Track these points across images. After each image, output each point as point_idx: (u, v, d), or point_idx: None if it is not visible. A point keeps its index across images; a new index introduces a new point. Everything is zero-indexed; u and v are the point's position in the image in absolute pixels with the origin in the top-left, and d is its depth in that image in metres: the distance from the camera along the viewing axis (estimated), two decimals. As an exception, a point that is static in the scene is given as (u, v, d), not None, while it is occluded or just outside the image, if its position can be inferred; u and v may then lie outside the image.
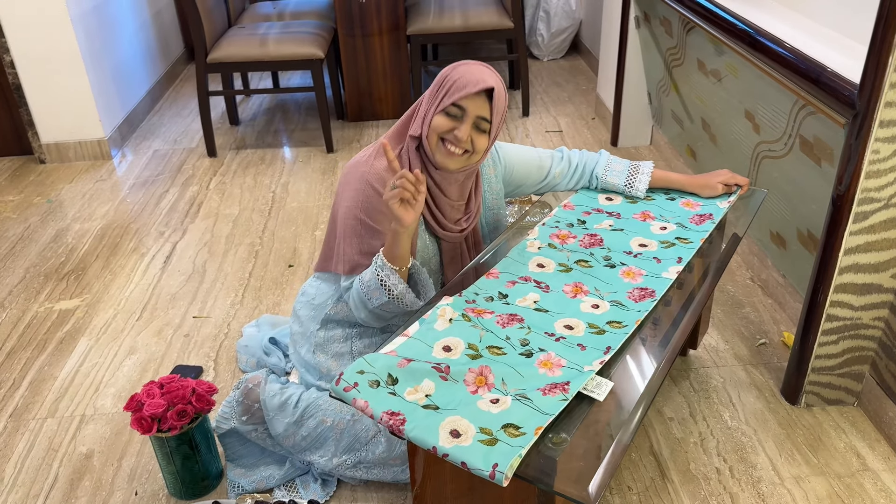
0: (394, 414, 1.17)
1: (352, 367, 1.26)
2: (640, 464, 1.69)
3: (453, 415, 1.16)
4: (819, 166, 1.77)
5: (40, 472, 1.76)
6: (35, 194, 3.15)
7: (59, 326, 2.29)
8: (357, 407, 1.21)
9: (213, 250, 2.65)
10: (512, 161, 1.75)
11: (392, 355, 1.29)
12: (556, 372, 1.24)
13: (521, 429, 1.13)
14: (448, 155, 1.50)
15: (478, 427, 1.14)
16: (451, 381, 1.23)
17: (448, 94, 1.46)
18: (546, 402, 1.17)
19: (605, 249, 1.59)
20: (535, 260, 1.56)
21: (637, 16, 2.97)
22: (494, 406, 1.18)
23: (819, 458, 1.69)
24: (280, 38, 3.28)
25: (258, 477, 1.66)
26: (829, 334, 1.72)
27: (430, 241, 1.62)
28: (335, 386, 1.23)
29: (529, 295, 1.45)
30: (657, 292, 1.44)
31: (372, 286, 1.47)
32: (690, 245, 1.59)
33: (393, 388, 1.22)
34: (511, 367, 1.26)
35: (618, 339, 1.31)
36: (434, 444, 1.12)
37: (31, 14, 3.11)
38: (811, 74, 1.61)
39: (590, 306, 1.41)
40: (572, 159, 1.80)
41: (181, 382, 1.60)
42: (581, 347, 1.30)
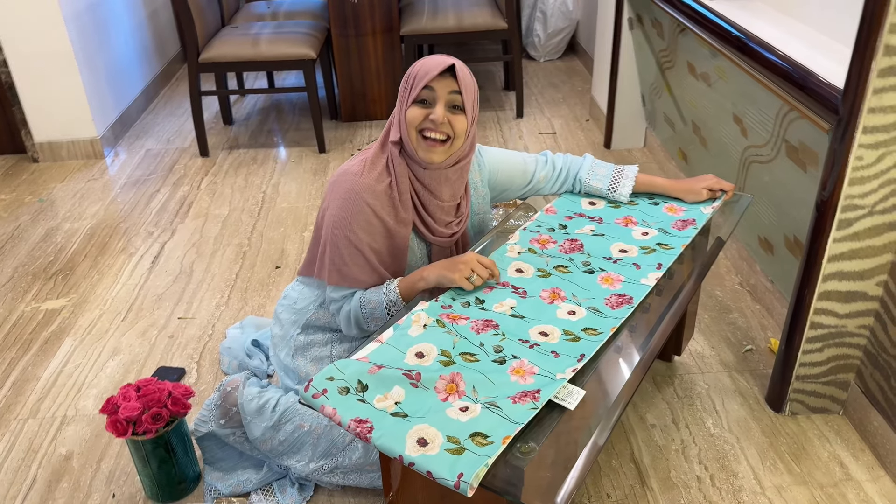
0: (362, 421, 1.16)
1: (322, 373, 1.25)
2: (620, 471, 1.67)
3: (421, 423, 1.15)
4: (805, 171, 1.75)
5: (19, 474, 1.76)
6: (27, 193, 3.15)
7: (44, 326, 2.28)
8: (325, 414, 1.19)
9: (200, 251, 2.65)
10: (496, 165, 1.73)
11: (363, 361, 1.28)
12: (527, 380, 1.23)
13: (489, 437, 1.11)
14: (430, 147, 1.48)
15: (445, 435, 1.12)
16: (422, 388, 1.22)
17: (414, 85, 1.47)
18: (516, 410, 1.16)
19: (585, 255, 1.57)
20: (515, 265, 1.55)
21: (630, 17, 2.95)
22: (464, 414, 1.16)
23: (802, 467, 1.67)
24: (272, 39, 3.27)
25: (235, 481, 1.65)
26: (813, 342, 1.71)
27: (419, 245, 1.60)
28: (304, 392, 1.22)
29: (506, 300, 1.43)
30: (635, 299, 1.42)
31: (377, 314, 1.49)
32: (671, 251, 1.57)
33: (363, 395, 1.21)
34: (483, 374, 1.24)
35: (592, 347, 1.30)
36: (400, 453, 1.10)
37: (24, 12, 3.11)
38: (795, 79, 1.59)
39: (566, 312, 1.40)
40: (556, 163, 1.79)
41: (158, 385, 1.59)
42: (555, 354, 1.29)
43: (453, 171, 1.55)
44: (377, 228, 1.49)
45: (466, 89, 1.47)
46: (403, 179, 1.53)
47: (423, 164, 1.51)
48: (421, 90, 1.46)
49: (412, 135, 1.49)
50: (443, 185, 1.55)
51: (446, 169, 1.54)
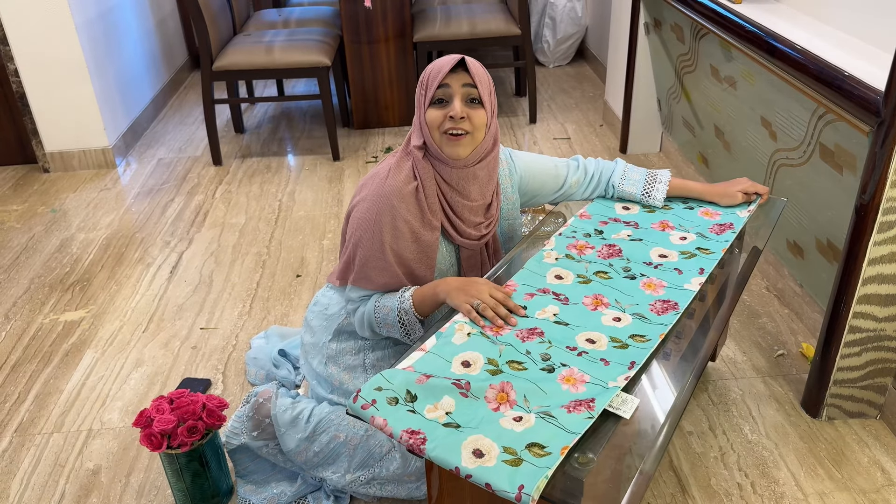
0: (414, 433, 1.14)
1: (369, 383, 1.22)
2: (659, 479, 1.65)
3: (475, 433, 1.13)
4: (840, 174, 1.73)
5: (47, 489, 1.73)
6: (39, 203, 3.12)
7: (64, 338, 2.25)
8: (376, 425, 1.17)
9: (219, 260, 2.62)
10: (528, 170, 1.72)
11: (410, 371, 1.26)
12: (579, 388, 1.21)
13: (547, 448, 1.09)
14: (454, 142, 1.47)
15: (501, 446, 1.10)
16: (472, 398, 1.20)
17: (429, 86, 1.46)
18: (571, 420, 1.14)
19: (625, 260, 1.55)
20: (553, 271, 1.53)
21: (647, 22, 2.94)
22: (518, 424, 1.14)
23: (843, 472, 1.65)
24: (286, 46, 3.25)
25: (269, 494, 1.63)
26: (851, 346, 1.69)
27: (448, 249, 1.58)
28: (353, 403, 1.19)
29: (549, 307, 1.41)
30: (680, 304, 1.40)
31: (389, 320, 1.46)
32: (712, 255, 1.55)
33: (412, 406, 1.19)
34: (533, 383, 1.22)
35: (642, 354, 1.28)
36: (457, 465, 1.08)
37: (35, 22, 3.09)
38: (833, 81, 1.57)
39: (611, 319, 1.38)
40: (588, 168, 1.77)
41: (191, 397, 1.57)
42: (604, 362, 1.27)
43: (480, 169, 1.53)
44: (403, 232, 1.48)
45: (481, 81, 1.47)
46: (430, 183, 1.51)
47: (451, 161, 1.49)
48: (436, 90, 1.45)
49: (435, 136, 1.48)
50: (471, 183, 1.53)
51: (473, 166, 1.52)
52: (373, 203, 1.47)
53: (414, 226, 1.48)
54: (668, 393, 1.22)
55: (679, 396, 1.21)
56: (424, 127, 1.49)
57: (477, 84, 1.45)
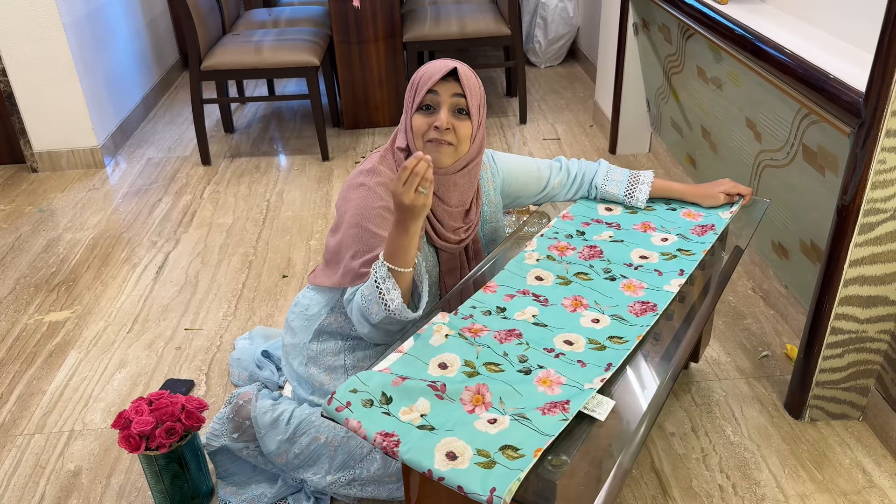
0: (388, 435, 1.13)
1: (344, 385, 1.22)
2: (640, 481, 1.65)
3: (449, 435, 1.12)
4: (823, 175, 1.73)
5: (27, 490, 1.72)
6: (27, 203, 3.11)
7: (48, 339, 2.24)
8: (350, 427, 1.16)
9: (205, 260, 2.61)
10: (510, 172, 1.71)
11: (386, 373, 1.25)
12: (555, 390, 1.21)
13: (520, 450, 1.09)
14: (435, 149, 1.46)
15: (475, 449, 1.10)
16: (448, 400, 1.19)
17: (418, 90, 1.45)
18: (545, 422, 1.14)
19: (605, 261, 1.55)
20: (534, 272, 1.52)
21: (635, 23, 2.94)
22: (492, 426, 1.14)
23: (824, 474, 1.65)
24: (275, 46, 3.24)
25: (249, 495, 1.62)
26: (833, 347, 1.69)
27: (430, 250, 1.58)
28: (327, 406, 1.19)
29: (528, 309, 1.41)
30: (659, 306, 1.40)
31: (371, 299, 1.36)
32: (692, 257, 1.55)
33: (387, 408, 1.18)
34: (509, 385, 1.22)
35: (619, 356, 1.27)
36: (430, 467, 1.07)
37: (23, 21, 3.08)
38: (815, 82, 1.57)
39: (590, 321, 1.37)
40: (571, 169, 1.77)
41: (170, 399, 1.56)
42: (581, 364, 1.26)
43: (461, 177, 1.53)
44: (386, 217, 1.47)
45: (471, 92, 1.45)
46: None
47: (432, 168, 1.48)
48: (425, 95, 1.44)
49: (418, 143, 1.48)
50: (451, 190, 1.53)
51: (454, 174, 1.52)
52: (362, 198, 1.47)
53: None
54: (645, 393, 1.22)
55: (656, 393, 1.21)
56: (409, 132, 1.48)
57: (467, 95, 1.44)
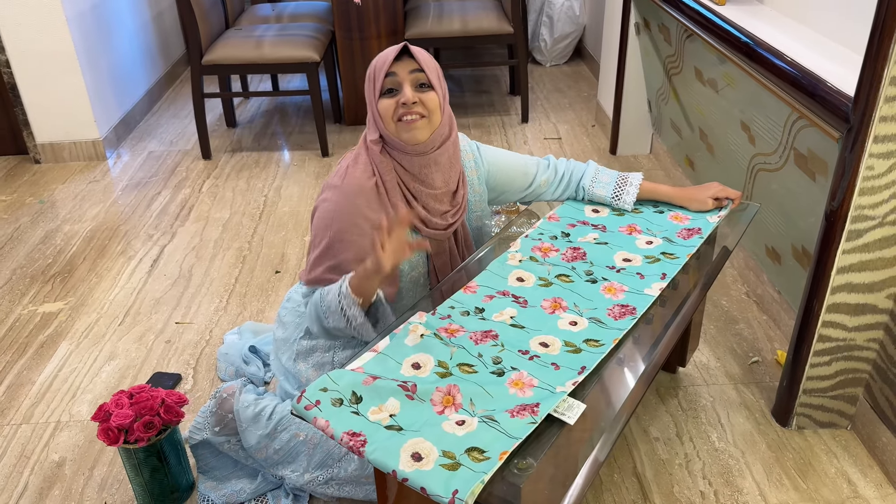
0: (355, 435, 1.13)
1: (315, 384, 1.21)
2: (622, 485, 1.63)
3: (416, 436, 1.12)
4: (813, 181, 1.71)
5: (10, 480, 1.73)
6: (28, 194, 3.13)
7: (41, 329, 2.25)
8: (318, 426, 1.16)
9: (200, 254, 2.62)
10: (494, 164, 1.70)
11: (358, 372, 1.24)
12: (526, 392, 1.20)
13: (486, 453, 1.08)
14: (410, 127, 1.46)
15: (441, 450, 1.09)
16: (418, 401, 1.19)
17: (376, 78, 1.47)
18: (514, 424, 1.13)
19: (588, 264, 1.54)
20: (515, 273, 1.51)
21: (637, 22, 2.92)
22: (460, 428, 1.13)
23: (808, 483, 1.63)
24: (276, 41, 3.24)
25: (229, 491, 1.62)
26: (821, 355, 1.67)
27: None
28: (296, 404, 1.19)
29: (506, 310, 1.40)
30: (638, 309, 1.39)
31: (332, 308, 1.41)
32: (676, 261, 1.53)
33: (356, 407, 1.18)
34: (480, 387, 1.21)
35: (593, 359, 1.26)
36: (394, 468, 1.07)
37: (26, 13, 3.10)
38: (805, 86, 1.55)
39: (567, 323, 1.36)
40: (559, 168, 1.76)
41: (151, 392, 1.56)
42: (555, 367, 1.25)
43: (440, 155, 1.53)
44: (364, 228, 1.46)
45: (427, 65, 1.47)
46: (390, 176, 1.51)
47: (410, 147, 1.49)
48: (384, 79, 1.46)
49: (390, 126, 1.48)
50: (433, 170, 1.53)
51: (433, 153, 1.51)
52: (330, 202, 1.47)
53: (375, 221, 1.47)
54: (618, 396, 1.21)
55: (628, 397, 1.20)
56: (378, 120, 1.48)
57: (424, 68, 1.46)
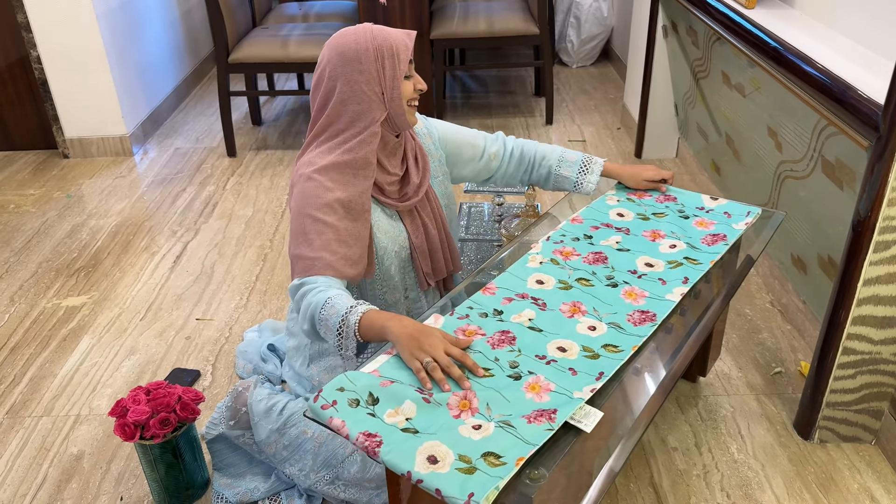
0: (370, 435, 1.12)
1: (332, 383, 1.21)
2: (637, 495, 1.61)
3: (432, 439, 1.11)
4: (841, 189, 1.67)
5: (30, 472, 1.75)
6: (56, 189, 3.17)
7: (64, 323, 2.28)
8: (333, 426, 1.15)
9: (222, 252, 2.64)
10: (442, 130, 1.74)
11: (374, 374, 1.24)
12: (543, 397, 1.18)
13: (502, 458, 1.07)
14: (413, 111, 1.53)
15: (457, 454, 1.08)
16: (434, 404, 1.18)
17: (400, 60, 1.47)
18: (531, 430, 1.11)
19: (609, 268, 1.52)
20: (535, 276, 1.50)
21: (665, 25, 2.88)
22: (476, 432, 1.12)
23: (830, 498, 1.59)
24: (302, 40, 3.26)
25: (243, 489, 1.63)
26: (845, 368, 1.63)
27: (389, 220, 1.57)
28: (313, 403, 1.18)
29: (525, 312, 1.39)
30: (658, 316, 1.36)
31: (331, 323, 1.32)
32: (699, 266, 1.51)
33: (373, 409, 1.17)
34: (497, 391, 1.20)
35: (612, 365, 1.25)
36: (409, 469, 1.06)
37: (57, 11, 3.14)
38: (835, 93, 1.52)
39: (586, 327, 1.35)
40: (507, 143, 1.78)
41: (168, 389, 1.57)
42: (572, 372, 1.24)
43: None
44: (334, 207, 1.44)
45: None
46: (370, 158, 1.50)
47: (402, 129, 1.53)
48: (409, 65, 1.49)
49: (405, 108, 1.50)
50: (393, 156, 1.55)
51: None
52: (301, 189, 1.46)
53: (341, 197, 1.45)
54: (634, 407, 1.19)
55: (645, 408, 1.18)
56: (395, 100, 1.48)
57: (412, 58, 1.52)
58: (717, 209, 1.72)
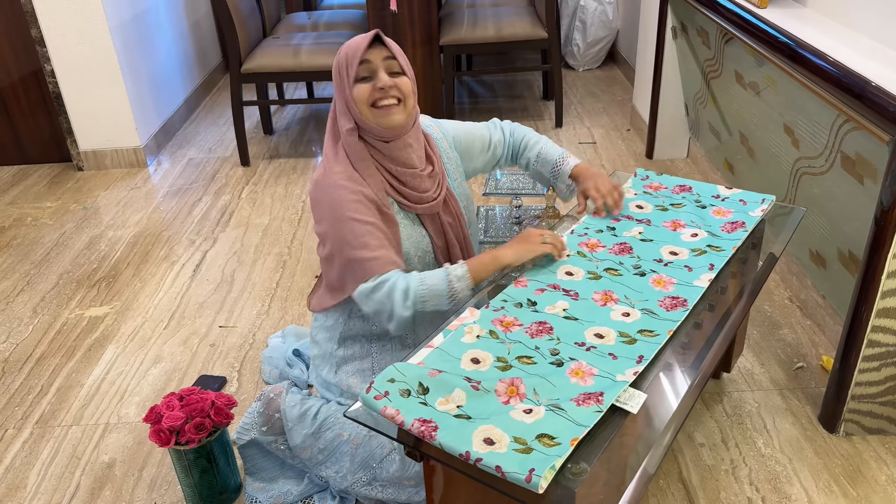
0: (426, 421, 1.14)
1: (382, 375, 1.23)
2: (668, 491, 1.63)
3: (486, 423, 1.14)
4: (861, 184, 1.69)
5: (63, 480, 1.77)
6: (72, 201, 3.20)
7: (88, 333, 2.30)
8: (386, 415, 1.17)
9: (241, 259, 2.66)
10: (454, 129, 1.76)
11: (421, 366, 1.26)
12: (588, 381, 1.21)
13: (556, 439, 1.09)
14: (386, 113, 1.48)
15: (511, 436, 1.11)
16: (483, 392, 1.20)
17: (349, 65, 1.48)
18: (580, 413, 1.14)
19: (635, 258, 1.54)
20: (564, 268, 1.53)
21: (674, 26, 2.91)
22: (528, 416, 1.15)
23: (858, 490, 1.61)
24: (313, 49, 3.28)
25: (276, 492, 1.65)
26: (870, 360, 1.64)
27: (411, 225, 1.59)
28: (365, 394, 1.20)
29: (559, 302, 1.41)
30: (689, 301, 1.39)
31: (437, 291, 1.43)
32: (722, 253, 1.53)
33: (424, 398, 1.20)
34: (542, 378, 1.23)
35: (650, 349, 1.27)
36: (467, 449, 1.08)
37: (71, 24, 3.17)
38: (854, 89, 1.54)
39: (620, 314, 1.37)
40: (505, 129, 1.82)
41: (201, 395, 1.59)
42: (612, 357, 1.26)
43: (411, 136, 1.55)
44: (367, 205, 1.49)
45: (398, 53, 1.50)
46: (367, 163, 1.52)
47: (387, 133, 1.51)
48: (358, 67, 1.47)
49: (365, 112, 1.49)
50: (409, 152, 1.55)
51: (405, 135, 1.54)
52: (332, 199, 1.48)
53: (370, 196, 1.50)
54: (670, 402, 1.20)
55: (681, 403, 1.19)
56: (353, 107, 1.50)
57: (396, 56, 1.49)
58: (732, 197, 1.74)
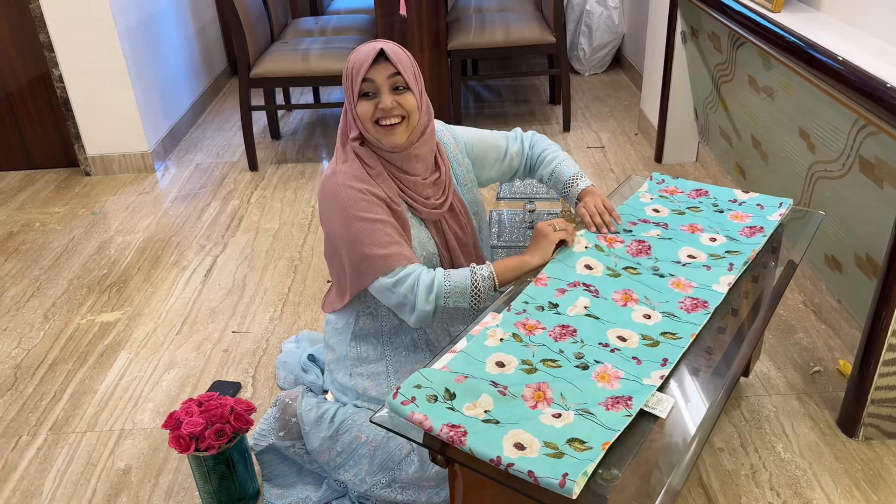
0: (454, 426, 1.13)
1: (408, 381, 1.22)
2: (688, 497, 1.62)
3: (515, 428, 1.13)
4: (881, 188, 1.69)
5: (79, 487, 1.76)
6: (80, 206, 3.19)
7: (100, 339, 2.30)
8: (414, 421, 1.16)
9: (252, 264, 2.65)
10: (467, 136, 1.74)
11: (445, 371, 1.26)
12: (614, 385, 1.20)
13: (587, 443, 1.09)
14: (389, 131, 1.48)
15: (542, 441, 1.10)
16: (510, 397, 1.20)
17: (353, 80, 1.47)
18: (609, 417, 1.13)
19: (653, 259, 1.53)
20: (583, 260, 1.52)
21: (684, 31, 2.91)
22: (557, 420, 1.14)
23: (879, 495, 1.60)
24: (322, 54, 3.28)
25: (294, 498, 1.64)
26: (890, 364, 1.64)
27: (418, 227, 1.59)
28: (392, 399, 1.19)
29: (579, 300, 1.41)
30: (710, 304, 1.38)
31: (459, 289, 1.47)
32: (741, 256, 1.53)
33: (451, 403, 1.19)
34: (568, 382, 1.22)
35: (674, 352, 1.26)
36: (498, 454, 1.08)
37: (79, 29, 3.17)
38: (872, 92, 1.54)
39: (641, 316, 1.37)
40: (525, 140, 1.79)
41: (220, 401, 1.58)
42: (637, 361, 1.26)
43: (419, 148, 1.54)
44: (377, 203, 1.49)
45: (404, 67, 1.47)
46: (376, 165, 1.53)
47: (389, 149, 1.51)
48: (361, 84, 1.46)
49: (369, 128, 1.49)
50: (413, 162, 1.54)
51: (413, 147, 1.53)
52: (341, 199, 1.48)
53: (380, 195, 1.50)
54: (698, 408, 1.20)
55: (709, 411, 1.19)
56: (357, 121, 1.50)
57: (401, 71, 1.46)
58: (749, 201, 1.73)
